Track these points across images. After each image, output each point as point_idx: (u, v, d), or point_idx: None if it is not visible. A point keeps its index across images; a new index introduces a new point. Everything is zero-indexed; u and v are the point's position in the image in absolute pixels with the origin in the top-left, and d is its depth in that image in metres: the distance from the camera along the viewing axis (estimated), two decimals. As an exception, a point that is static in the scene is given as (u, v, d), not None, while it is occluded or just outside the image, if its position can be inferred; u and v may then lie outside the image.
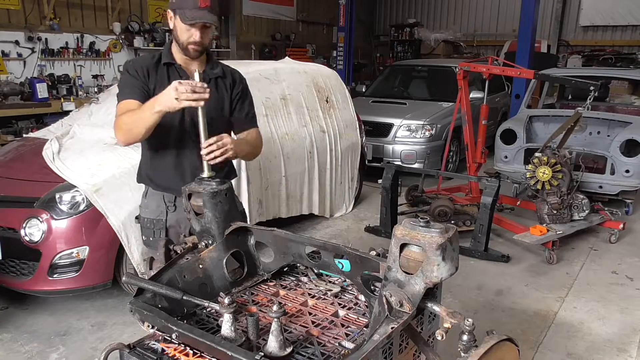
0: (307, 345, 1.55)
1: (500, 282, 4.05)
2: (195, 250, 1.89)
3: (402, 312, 1.43)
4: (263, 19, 11.33)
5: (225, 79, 2.35)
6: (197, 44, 2.16)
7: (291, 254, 1.90)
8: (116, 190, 3.32)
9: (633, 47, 11.57)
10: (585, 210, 4.70)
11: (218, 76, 2.31)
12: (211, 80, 2.27)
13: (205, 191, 1.85)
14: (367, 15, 14.61)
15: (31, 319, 3.41)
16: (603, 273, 4.26)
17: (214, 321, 1.67)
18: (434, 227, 1.40)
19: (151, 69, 2.22)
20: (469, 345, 1.38)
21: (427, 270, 1.37)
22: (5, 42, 6.67)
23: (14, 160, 3.89)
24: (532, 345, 3.18)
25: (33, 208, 3.25)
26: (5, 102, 6.12)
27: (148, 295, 1.65)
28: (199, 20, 2.09)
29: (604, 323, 3.47)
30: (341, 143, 5.32)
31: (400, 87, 8.40)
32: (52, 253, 3.22)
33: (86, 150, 3.65)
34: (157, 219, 2.36)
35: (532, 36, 8.22)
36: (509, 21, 12.84)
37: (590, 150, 5.32)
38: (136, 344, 1.58)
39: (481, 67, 5.39)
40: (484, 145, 5.50)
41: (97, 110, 4.33)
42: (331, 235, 5.00)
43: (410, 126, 6.65)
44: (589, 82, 4.83)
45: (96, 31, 7.80)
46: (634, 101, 7.03)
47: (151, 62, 2.24)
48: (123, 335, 3.19)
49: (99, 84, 7.43)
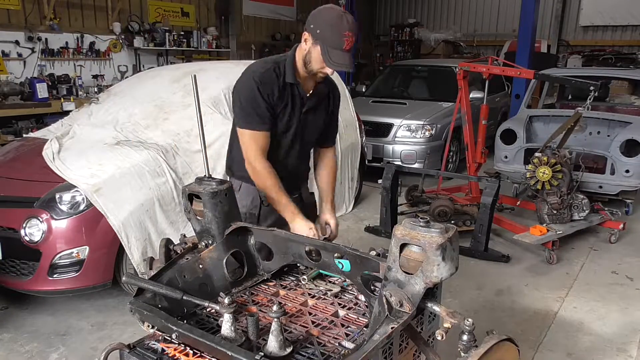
0: (307, 345, 1.55)
1: (500, 282, 4.05)
2: (195, 250, 1.89)
3: (402, 312, 1.43)
4: (263, 19, 11.33)
5: (329, 97, 2.38)
6: (326, 74, 2.17)
7: (291, 254, 1.90)
8: (116, 190, 3.33)
9: (633, 47, 11.57)
10: (585, 210, 4.70)
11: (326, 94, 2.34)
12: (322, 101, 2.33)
13: (205, 191, 1.85)
14: (367, 15, 14.60)
15: (31, 319, 3.41)
16: (603, 273, 4.26)
17: (214, 321, 1.67)
18: (434, 227, 1.40)
19: (278, 90, 2.19)
20: (469, 345, 1.38)
21: (427, 270, 1.37)
22: (5, 42, 6.67)
23: (14, 160, 3.89)
24: (532, 345, 3.18)
25: (33, 208, 3.25)
26: (5, 102, 6.12)
27: (148, 295, 1.65)
28: (344, 68, 2.06)
29: (604, 323, 3.47)
30: (341, 143, 5.32)
31: (400, 87, 8.40)
32: (52, 253, 3.22)
33: (86, 150, 3.65)
34: (250, 212, 2.38)
35: (532, 36, 8.22)
36: (509, 21, 12.84)
37: (590, 150, 5.32)
38: (136, 344, 1.58)
39: (481, 67, 5.39)
40: (484, 145, 5.50)
41: (97, 110, 4.33)
42: (331, 235, 4.99)
43: (410, 126, 6.65)
44: (589, 82, 4.83)
45: (96, 31, 7.80)
46: (634, 101, 7.03)
47: (278, 82, 2.18)
48: (123, 335, 3.19)
49: (99, 84, 7.44)
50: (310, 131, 2.35)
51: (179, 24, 9.28)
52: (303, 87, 2.22)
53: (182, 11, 9.36)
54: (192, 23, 9.58)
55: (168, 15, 9.01)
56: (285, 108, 2.21)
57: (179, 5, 9.30)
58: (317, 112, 2.33)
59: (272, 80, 2.17)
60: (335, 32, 2.00)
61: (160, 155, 3.60)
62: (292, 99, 2.22)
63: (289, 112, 2.23)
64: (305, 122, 2.30)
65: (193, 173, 3.64)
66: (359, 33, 2.33)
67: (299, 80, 2.20)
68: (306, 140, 2.38)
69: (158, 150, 3.63)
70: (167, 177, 3.56)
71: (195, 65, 5.74)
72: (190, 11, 9.54)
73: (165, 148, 3.69)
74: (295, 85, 2.20)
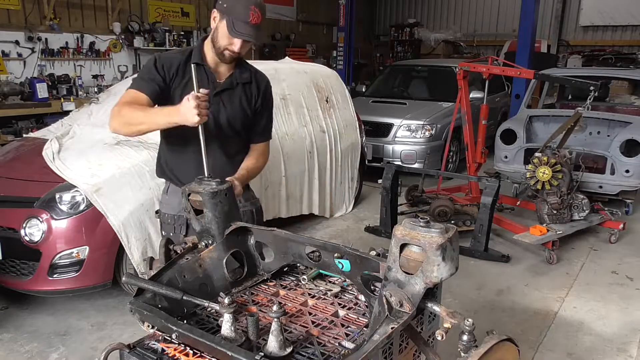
0: (307, 345, 1.55)
1: (500, 282, 4.05)
2: (195, 250, 1.89)
3: (402, 312, 1.43)
4: (263, 19, 11.33)
5: (251, 85, 2.31)
6: (235, 52, 2.14)
7: (291, 254, 1.90)
8: (116, 190, 3.33)
9: (633, 47, 11.57)
10: (585, 210, 4.70)
11: (246, 82, 2.28)
12: (238, 85, 2.26)
13: (205, 191, 1.85)
14: (367, 15, 14.60)
15: (31, 319, 3.41)
16: (603, 273, 4.26)
17: (214, 321, 1.67)
18: (434, 227, 1.39)
19: (180, 66, 2.20)
20: (469, 345, 1.38)
21: (427, 270, 1.37)
22: (5, 42, 6.67)
23: (14, 160, 3.89)
24: (532, 345, 3.18)
25: (33, 208, 3.25)
26: (5, 102, 6.12)
27: (148, 295, 1.65)
28: (247, 37, 2.07)
29: (604, 323, 3.47)
30: (341, 143, 5.32)
31: (400, 87, 8.40)
32: (52, 253, 3.22)
33: (86, 150, 3.65)
34: (178, 214, 2.34)
35: (532, 36, 8.22)
36: (509, 21, 12.84)
37: (590, 150, 5.32)
38: (136, 344, 1.58)
39: (481, 67, 5.39)
40: (484, 145, 5.50)
41: (97, 110, 4.32)
42: (331, 235, 4.99)
43: (410, 126, 6.65)
44: (589, 82, 4.83)
45: (96, 31, 7.80)
46: (634, 101, 7.03)
47: (181, 58, 2.21)
48: (123, 335, 3.19)
49: (99, 84, 7.44)
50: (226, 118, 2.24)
51: (179, 24, 9.28)
52: (213, 70, 2.22)
53: (182, 11, 9.37)
54: (192, 23, 9.58)
55: (168, 15, 9.02)
56: (186, 87, 2.15)
57: (179, 5, 9.30)
58: (233, 99, 2.25)
59: (174, 57, 2.22)
60: (241, 5, 2.04)
61: (160, 155, 3.60)
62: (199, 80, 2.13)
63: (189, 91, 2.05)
64: (218, 108, 2.22)
65: (193, 173, 3.64)
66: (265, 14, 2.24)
67: (208, 63, 2.21)
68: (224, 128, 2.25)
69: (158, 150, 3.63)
70: (167, 177, 3.55)
71: (195, 65, 5.73)
72: (190, 11, 9.54)
73: (165, 148, 3.69)
74: (202, 66, 2.19)
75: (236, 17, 2.04)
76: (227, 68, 2.25)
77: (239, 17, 2.04)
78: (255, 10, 2.04)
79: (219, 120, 2.25)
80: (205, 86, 2.09)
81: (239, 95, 2.28)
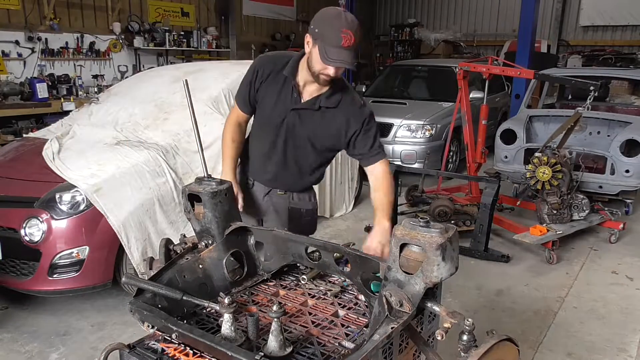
0: (307, 345, 1.55)
1: (500, 282, 4.05)
2: (195, 250, 1.89)
3: (402, 312, 1.43)
4: (263, 19, 11.33)
5: (336, 110, 2.22)
6: (330, 76, 2.11)
7: (291, 254, 1.90)
8: (116, 190, 3.32)
9: (633, 47, 11.57)
10: (585, 210, 4.70)
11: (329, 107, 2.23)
12: (320, 109, 2.23)
13: (205, 191, 1.86)
14: (367, 15, 14.60)
15: (31, 319, 3.41)
16: (603, 273, 4.26)
17: (214, 321, 1.68)
18: (434, 227, 1.40)
19: (274, 73, 2.25)
20: (469, 345, 1.38)
21: (427, 270, 1.37)
22: (5, 42, 6.67)
23: (14, 160, 3.89)
24: (532, 345, 3.18)
25: (33, 208, 3.25)
26: (5, 102, 6.12)
27: (148, 295, 1.65)
28: (340, 64, 2.03)
29: (604, 323, 3.47)
30: (341, 143, 5.31)
31: (400, 87, 8.39)
32: (52, 253, 3.22)
33: (86, 150, 3.66)
34: None
35: (532, 36, 8.22)
36: (509, 21, 12.83)
37: (590, 150, 5.32)
38: (136, 344, 1.58)
39: (481, 67, 5.39)
40: (484, 145, 5.50)
41: (97, 110, 4.33)
42: (331, 235, 4.99)
43: (410, 126, 6.64)
44: (589, 82, 4.83)
45: (96, 31, 7.80)
46: (634, 101, 7.02)
47: (279, 65, 2.24)
48: (123, 335, 3.19)
49: (99, 84, 7.43)
50: (300, 136, 2.27)
51: (179, 24, 9.28)
52: (301, 88, 2.21)
53: (182, 11, 9.37)
54: (192, 23, 9.58)
55: (168, 15, 9.02)
56: (273, 94, 2.25)
57: (179, 5, 9.30)
58: (313, 120, 2.24)
59: (274, 61, 2.27)
60: (333, 29, 1.99)
61: (160, 155, 3.60)
62: (283, 91, 2.23)
63: (274, 100, 2.25)
64: (294, 124, 2.24)
65: (193, 173, 3.64)
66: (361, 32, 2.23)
67: (297, 80, 2.20)
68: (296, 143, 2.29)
69: (158, 150, 3.63)
70: (167, 177, 3.56)
71: (195, 65, 5.74)
72: (190, 11, 9.54)
73: (165, 148, 3.69)
74: (292, 83, 2.20)
75: (328, 42, 1.99)
76: (317, 88, 2.21)
77: (331, 42, 1.99)
78: (347, 33, 1.98)
79: (294, 136, 2.28)
80: (287, 100, 2.22)
81: (320, 119, 2.24)
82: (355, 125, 2.24)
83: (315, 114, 2.23)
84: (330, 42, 1.98)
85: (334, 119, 2.24)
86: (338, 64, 2.03)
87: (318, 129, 2.26)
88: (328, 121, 2.24)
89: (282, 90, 2.23)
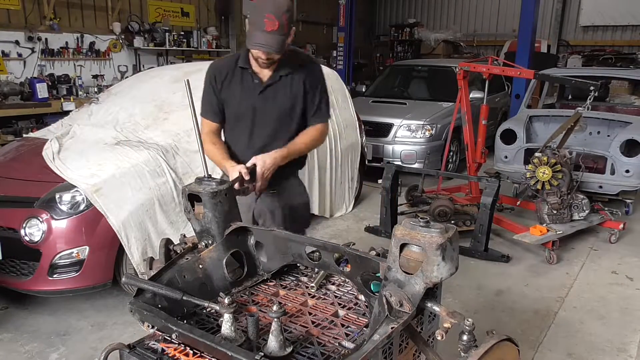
0: (307, 345, 1.55)
1: (500, 282, 4.05)
2: (195, 250, 1.90)
3: (402, 312, 1.43)
4: (263, 18, 11.31)
5: (294, 75, 2.34)
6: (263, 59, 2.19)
7: (291, 254, 1.90)
8: (116, 190, 3.33)
9: (633, 47, 11.57)
10: (585, 210, 4.70)
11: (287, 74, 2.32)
12: (280, 79, 2.32)
13: (205, 191, 1.85)
14: (367, 15, 14.60)
15: (31, 319, 3.41)
16: (603, 273, 4.26)
17: (214, 321, 1.67)
18: (434, 227, 1.40)
19: (230, 71, 2.34)
20: (469, 345, 1.38)
21: (427, 270, 1.37)
22: (5, 42, 6.66)
23: (14, 160, 3.89)
24: (532, 345, 3.18)
25: (33, 208, 3.25)
26: (5, 102, 6.12)
27: (148, 295, 1.65)
28: (262, 48, 2.09)
29: (604, 323, 3.47)
30: (341, 143, 5.32)
31: (400, 87, 8.39)
32: (52, 253, 3.22)
33: (86, 150, 3.65)
34: None
35: (532, 36, 8.22)
36: (509, 21, 12.83)
37: (590, 150, 5.32)
38: (136, 344, 1.58)
39: (481, 67, 5.39)
40: (484, 145, 5.50)
41: (97, 110, 4.33)
42: (331, 235, 4.99)
43: (410, 126, 6.64)
44: (589, 82, 4.83)
45: (96, 31, 7.80)
46: (634, 101, 7.02)
47: (231, 63, 2.36)
48: (123, 335, 3.19)
49: (99, 84, 7.43)
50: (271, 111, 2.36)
51: (179, 24, 9.28)
52: (258, 74, 2.31)
53: (182, 11, 9.36)
54: (192, 23, 9.58)
55: (168, 15, 9.01)
56: (236, 88, 2.35)
57: (179, 5, 9.29)
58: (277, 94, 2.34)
59: (225, 63, 2.39)
60: (257, 13, 2.07)
61: (160, 155, 3.61)
62: (244, 82, 2.33)
63: (239, 92, 2.33)
64: (264, 105, 2.34)
65: (193, 173, 3.64)
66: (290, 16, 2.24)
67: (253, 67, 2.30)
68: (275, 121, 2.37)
69: (158, 150, 3.63)
70: (167, 177, 3.56)
71: (195, 65, 5.74)
72: (190, 11, 9.54)
73: (165, 148, 3.69)
74: (249, 71, 2.30)
75: (254, 27, 2.07)
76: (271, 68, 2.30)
77: (256, 26, 2.06)
78: (270, 17, 2.03)
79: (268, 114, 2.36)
80: (250, 88, 2.32)
81: (283, 89, 2.34)
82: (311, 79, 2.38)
83: (278, 85, 2.33)
84: (255, 25, 2.07)
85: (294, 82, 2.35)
86: (260, 48, 2.10)
87: (285, 98, 2.35)
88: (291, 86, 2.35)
89: (243, 81, 2.33)
